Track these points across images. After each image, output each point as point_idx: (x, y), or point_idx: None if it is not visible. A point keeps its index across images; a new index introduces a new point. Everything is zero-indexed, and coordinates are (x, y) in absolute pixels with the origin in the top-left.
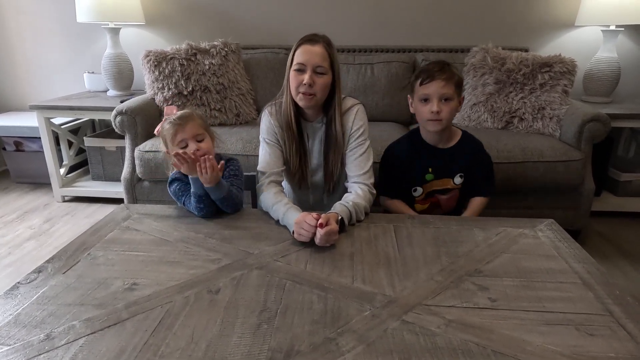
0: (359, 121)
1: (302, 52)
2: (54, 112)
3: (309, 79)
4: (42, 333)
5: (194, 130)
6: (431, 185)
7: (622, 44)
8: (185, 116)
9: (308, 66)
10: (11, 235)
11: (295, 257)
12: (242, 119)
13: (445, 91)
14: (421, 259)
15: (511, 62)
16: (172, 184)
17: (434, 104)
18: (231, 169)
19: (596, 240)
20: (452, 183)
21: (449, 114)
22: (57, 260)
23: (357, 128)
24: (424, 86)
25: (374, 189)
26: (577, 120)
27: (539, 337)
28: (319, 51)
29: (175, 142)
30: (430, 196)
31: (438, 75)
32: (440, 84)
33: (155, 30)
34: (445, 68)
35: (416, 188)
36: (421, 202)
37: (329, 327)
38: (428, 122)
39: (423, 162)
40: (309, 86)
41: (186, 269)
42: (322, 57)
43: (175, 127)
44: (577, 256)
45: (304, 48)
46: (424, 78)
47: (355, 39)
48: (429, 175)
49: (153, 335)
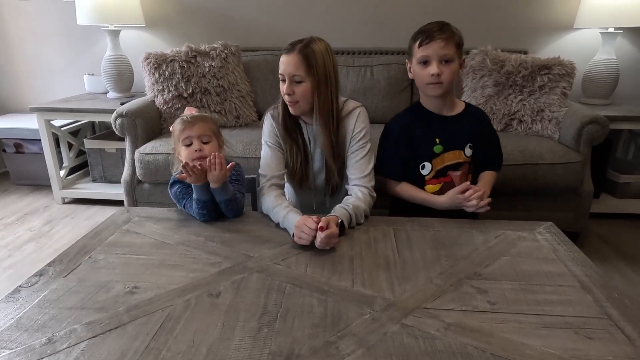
0: (360, 124)
1: (280, 62)
2: (54, 114)
3: (287, 88)
4: (43, 337)
5: (201, 130)
6: (441, 159)
7: (621, 46)
8: (197, 117)
9: (286, 76)
10: (11, 237)
11: (296, 260)
12: (242, 121)
13: (445, 52)
14: (421, 262)
15: (510, 65)
16: (174, 186)
17: (434, 66)
18: (233, 173)
19: (595, 242)
20: (463, 155)
21: (450, 76)
22: (58, 263)
23: (358, 131)
24: (422, 47)
25: (375, 192)
26: (576, 122)
27: (537, 341)
28: (292, 60)
29: (181, 137)
30: (441, 175)
31: (438, 35)
32: (440, 44)
33: (155, 32)
34: (445, 27)
35: (424, 164)
36: (432, 182)
37: (329, 331)
38: (428, 86)
39: (428, 132)
40: (288, 95)
41: (187, 273)
42: (295, 65)
43: (184, 123)
44: (576, 259)
45: (281, 59)
46: (423, 39)
47: (354, 41)
48: (437, 147)
49: (154, 339)
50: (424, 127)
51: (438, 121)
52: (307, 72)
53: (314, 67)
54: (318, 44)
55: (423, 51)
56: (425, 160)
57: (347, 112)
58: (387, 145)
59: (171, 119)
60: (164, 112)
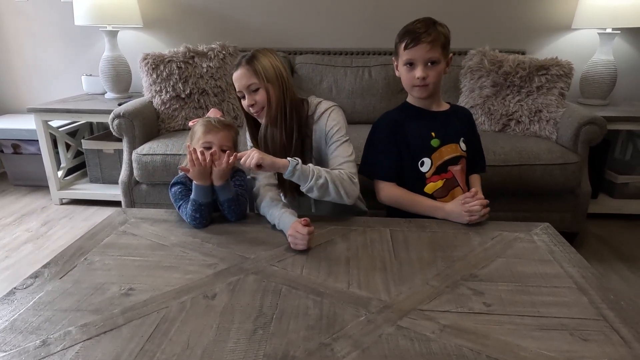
0: (331, 121)
1: (234, 81)
2: (52, 114)
3: (249, 100)
4: (38, 339)
5: (224, 140)
6: (440, 154)
7: (619, 46)
8: (224, 124)
9: (243, 90)
10: (8, 238)
11: (292, 262)
12: (240, 122)
13: (431, 55)
14: (417, 264)
15: (508, 65)
16: (175, 186)
17: (419, 69)
18: (237, 178)
19: (593, 243)
20: (459, 149)
21: (435, 78)
22: (54, 265)
23: (330, 128)
24: (408, 50)
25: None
26: (574, 123)
27: (533, 342)
28: (242, 74)
29: (202, 140)
30: (442, 171)
31: (423, 38)
32: (425, 47)
33: (153, 33)
34: (430, 28)
35: (423, 160)
36: (433, 179)
37: (324, 333)
38: (414, 88)
39: (422, 126)
40: (252, 106)
41: (182, 274)
42: (246, 77)
43: (211, 128)
44: (572, 260)
45: (233, 78)
46: (408, 42)
47: (352, 41)
48: (434, 141)
49: (149, 341)
50: (417, 122)
51: (429, 116)
52: (262, 79)
53: (267, 72)
54: (261, 51)
55: (408, 54)
56: (424, 156)
57: (319, 114)
58: (376, 142)
59: (169, 120)
60: (162, 113)
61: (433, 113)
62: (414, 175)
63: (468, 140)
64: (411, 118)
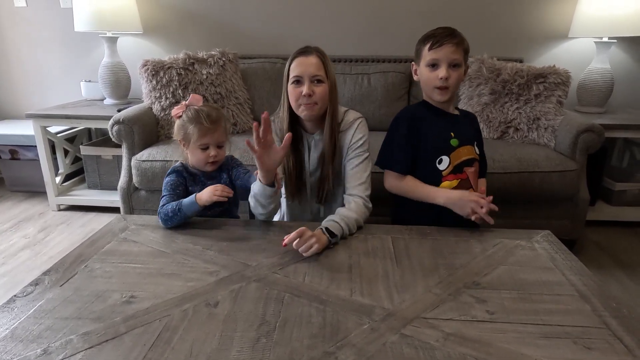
0: (359, 133)
1: (297, 64)
2: (50, 120)
3: (308, 89)
4: (39, 348)
5: (220, 138)
6: (458, 154)
7: (615, 55)
8: (216, 120)
9: (305, 77)
10: (5, 244)
11: (294, 269)
12: (240, 128)
13: (455, 57)
14: (419, 271)
15: (506, 73)
16: (171, 174)
17: (443, 69)
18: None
19: (592, 250)
20: (474, 152)
21: (456, 81)
22: (54, 272)
23: (357, 140)
24: (433, 50)
25: (370, 203)
26: (572, 130)
27: (536, 351)
28: (314, 61)
29: (198, 142)
30: (458, 171)
31: (449, 40)
32: (450, 48)
33: (153, 39)
34: (455, 32)
35: (442, 158)
36: (449, 178)
37: (327, 341)
38: (435, 90)
39: (442, 126)
40: (308, 97)
41: (184, 282)
42: (317, 66)
43: (205, 130)
44: (574, 268)
45: (298, 60)
46: (434, 42)
47: (351, 49)
48: (453, 141)
49: (151, 350)
50: (437, 121)
51: (448, 117)
52: (325, 74)
53: (330, 72)
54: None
55: (433, 54)
56: (443, 154)
57: (347, 123)
58: (397, 135)
59: (169, 126)
60: (161, 119)
61: (450, 115)
62: (431, 172)
63: (479, 144)
64: (432, 115)
